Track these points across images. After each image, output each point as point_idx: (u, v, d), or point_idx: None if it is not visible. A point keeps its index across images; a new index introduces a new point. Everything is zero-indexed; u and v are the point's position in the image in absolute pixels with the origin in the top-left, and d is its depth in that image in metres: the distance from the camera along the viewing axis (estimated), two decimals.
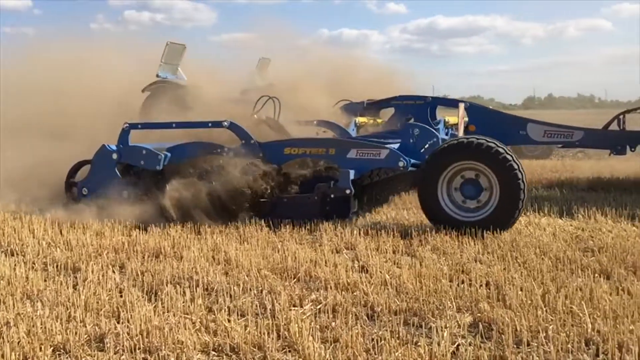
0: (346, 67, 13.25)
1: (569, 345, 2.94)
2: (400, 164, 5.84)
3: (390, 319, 3.37)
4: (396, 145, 6.24)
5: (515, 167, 5.36)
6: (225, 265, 4.52)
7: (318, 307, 3.58)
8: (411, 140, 6.20)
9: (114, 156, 6.29)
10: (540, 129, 8.66)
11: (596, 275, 4.09)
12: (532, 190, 7.70)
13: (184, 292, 3.79)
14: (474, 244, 4.97)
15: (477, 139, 5.56)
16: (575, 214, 6.18)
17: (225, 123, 6.20)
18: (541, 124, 8.75)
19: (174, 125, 6.66)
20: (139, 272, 4.28)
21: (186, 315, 3.44)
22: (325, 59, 13.90)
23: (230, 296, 3.78)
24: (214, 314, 3.45)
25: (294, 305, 3.64)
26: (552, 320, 3.26)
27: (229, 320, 3.31)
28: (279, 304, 3.59)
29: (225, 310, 3.50)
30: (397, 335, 3.12)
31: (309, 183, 6.07)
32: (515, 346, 2.98)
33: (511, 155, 5.43)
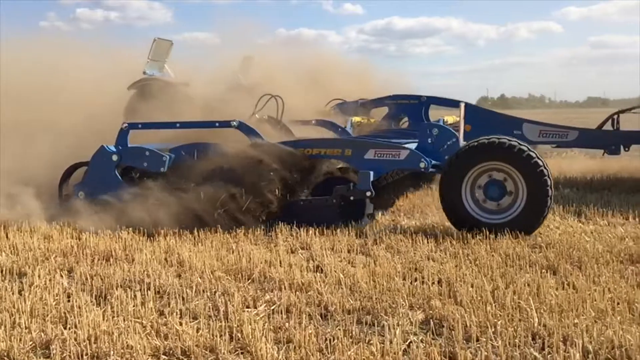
0: (323, 65, 13.07)
1: (516, 340, 3.01)
2: (422, 164, 5.70)
3: (344, 318, 3.38)
4: (413, 145, 6.08)
5: (546, 173, 5.28)
6: (178, 267, 4.45)
7: (272, 307, 3.57)
8: (430, 140, 5.99)
9: (114, 158, 6.00)
10: (535, 129, 8.79)
11: (543, 270, 4.21)
12: None
13: (135, 296, 3.71)
14: (427, 242, 5.04)
15: (509, 140, 5.42)
16: None
17: (234, 123, 5.99)
18: (537, 124, 8.90)
19: (178, 125, 6.32)
20: (88, 276, 4.17)
21: (136, 319, 3.37)
22: (299, 58, 13.66)
23: (183, 299, 3.72)
24: (166, 317, 3.39)
25: (248, 307, 3.61)
26: (500, 315, 3.33)
27: (180, 323, 3.26)
28: (232, 305, 3.55)
29: (177, 313, 3.45)
30: (350, 334, 3.14)
31: (324, 185, 5.94)
32: (464, 342, 3.03)
33: (541, 160, 5.35)
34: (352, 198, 5.69)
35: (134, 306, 3.56)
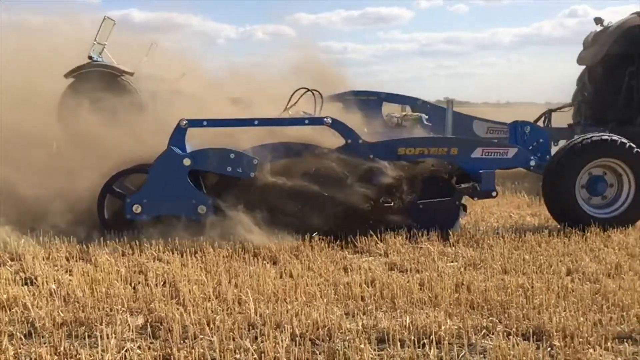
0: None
1: (233, 333, 3.09)
2: (532, 162, 5.66)
3: (52, 333, 3.09)
4: None
5: None
6: None
7: None
8: (525, 138, 5.97)
9: (186, 162, 5.17)
10: (484, 126, 9.31)
11: (265, 262, 4.42)
12: None
13: None
14: (155, 242, 4.88)
15: (620, 137, 5.65)
16: None
17: (328, 120, 5.44)
18: (485, 121, 9.45)
19: (256, 122, 5.47)
20: None
21: None
22: None
23: None
24: None
25: None
26: (221, 310, 3.40)
27: None
28: None
29: None
30: (57, 351, 2.87)
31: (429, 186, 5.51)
32: (182, 341, 3.01)
33: None
34: (475, 199, 5.57)
35: None
